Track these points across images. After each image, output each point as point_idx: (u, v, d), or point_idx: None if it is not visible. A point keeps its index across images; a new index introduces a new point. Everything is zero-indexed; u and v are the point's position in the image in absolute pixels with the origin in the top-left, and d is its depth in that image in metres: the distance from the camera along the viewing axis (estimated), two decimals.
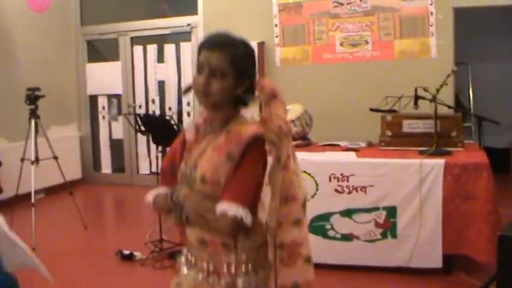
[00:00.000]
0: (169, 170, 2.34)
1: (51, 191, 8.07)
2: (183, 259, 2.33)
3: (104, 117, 9.61)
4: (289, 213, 2.07)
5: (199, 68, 2.09)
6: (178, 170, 2.24)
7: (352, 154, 5.11)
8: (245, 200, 2.01)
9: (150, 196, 2.31)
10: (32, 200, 6.13)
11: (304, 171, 4.78)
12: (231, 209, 1.97)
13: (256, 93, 2.15)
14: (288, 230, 2.07)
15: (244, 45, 2.14)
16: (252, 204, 2.05)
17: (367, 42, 7.22)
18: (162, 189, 2.29)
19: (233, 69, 2.06)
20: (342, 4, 7.27)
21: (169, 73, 8.98)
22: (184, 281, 2.26)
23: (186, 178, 2.18)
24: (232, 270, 2.12)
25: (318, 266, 4.75)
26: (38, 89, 6.48)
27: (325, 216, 4.81)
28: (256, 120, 2.13)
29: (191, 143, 2.23)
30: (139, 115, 5.80)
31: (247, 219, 1.99)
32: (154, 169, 7.37)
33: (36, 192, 6.43)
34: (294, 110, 5.73)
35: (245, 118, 2.14)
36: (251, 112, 2.18)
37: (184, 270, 2.29)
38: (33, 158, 6.32)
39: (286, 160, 2.07)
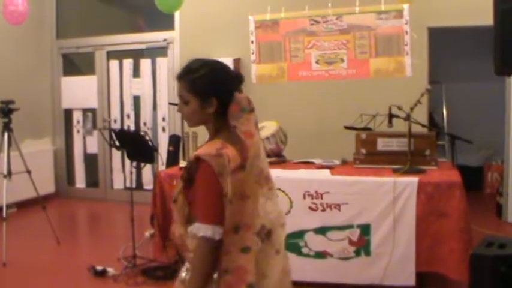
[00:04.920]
0: None
1: (23, 205, 7.99)
2: None
3: (78, 132, 9.55)
4: (239, 241, 2.19)
5: None
6: None
7: (327, 172, 5.13)
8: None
9: None
10: (4, 215, 6.07)
11: (279, 189, 4.76)
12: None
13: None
14: (236, 256, 2.18)
15: (206, 68, 2.36)
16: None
17: (342, 60, 7.24)
18: None
19: (193, 94, 2.32)
20: (318, 22, 7.29)
21: (145, 88, 8.95)
22: None
23: None
24: None
25: (292, 284, 4.70)
26: (12, 102, 6.43)
27: (299, 234, 4.81)
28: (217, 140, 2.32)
29: None
30: (114, 130, 5.77)
31: None
32: (128, 184, 7.33)
33: (8, 206, 6.38)
34: (269, 127, 5.74)
35: (225, 134, 2.33)
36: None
37: None
38: (5, 172, 6.26)
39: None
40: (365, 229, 4.67)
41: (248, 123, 2.33)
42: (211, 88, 2.34)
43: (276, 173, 4.88)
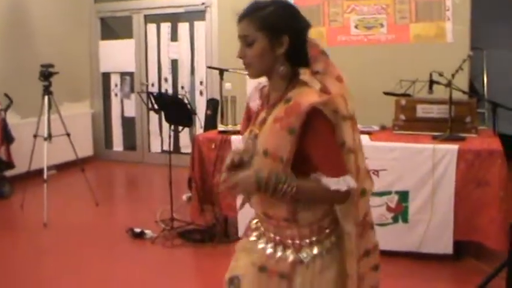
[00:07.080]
0: None
1: (62, 168, 8.11)
2: (253, 225, 2.27)
3: (116, 95, 9.62)
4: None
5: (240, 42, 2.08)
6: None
7: (366, 137, 5.07)
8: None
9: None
10: (44, 176, 6.16)
11: None
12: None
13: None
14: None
15: (276, 4, 2.06)
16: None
17: (382, 25, 7.17)
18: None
19: (262, 31, 2.02)
20: None
21: (182, 52, 8.96)
22: (253, 248, 2.20)
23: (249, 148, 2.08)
24: (297, 242, 2.08)
25: None
26: (52, 66, 6.48)
27: None
28: (317, 84, 2.03)
29: (258, 111, 2.18)
30: (152, 93, 5.78)
31: None
32: (166, 147, 7.37)
33: (48, 168, 6.47)
34: None
35: (306, 81, 2.06)
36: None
37: (253, 236, 2.23)
38: (45, 135, 6.34)
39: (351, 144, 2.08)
40: (403, 196, 4.65)
41: (334, 67, 2.13)
42: (283, 23, 2.03)
43: None
